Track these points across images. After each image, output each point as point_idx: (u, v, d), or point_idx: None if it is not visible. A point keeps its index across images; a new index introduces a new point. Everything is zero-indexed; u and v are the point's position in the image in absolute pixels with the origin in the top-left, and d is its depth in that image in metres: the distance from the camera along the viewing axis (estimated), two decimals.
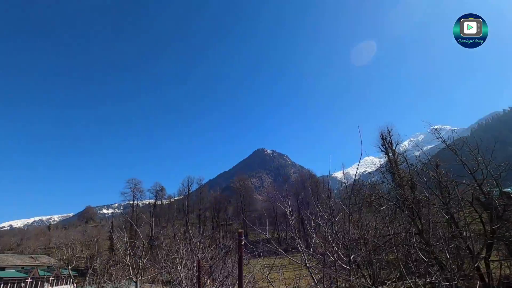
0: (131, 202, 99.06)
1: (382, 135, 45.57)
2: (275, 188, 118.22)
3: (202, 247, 9.50)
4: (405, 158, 15.31)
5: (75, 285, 25.95)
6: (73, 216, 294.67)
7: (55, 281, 54.03)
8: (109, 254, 74.38)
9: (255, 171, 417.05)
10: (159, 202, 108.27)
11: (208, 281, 9.53)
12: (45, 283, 52.30)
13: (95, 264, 23.85)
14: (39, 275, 51.49)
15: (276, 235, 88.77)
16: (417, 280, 4.43)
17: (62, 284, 53.76)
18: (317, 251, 6.91)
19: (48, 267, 57.65)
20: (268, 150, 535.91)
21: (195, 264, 8.42)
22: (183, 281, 8.87)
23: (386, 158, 43.40)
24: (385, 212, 11.17)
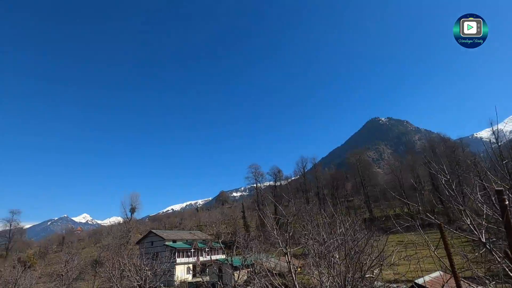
0: (254, 185, 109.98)
1: None
2: (398, 159, 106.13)
3: (337, 223, 9.64)
4: None
5: (225, 255, 31.65)
6: (212, 199, 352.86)
7: (209, 251, 66.96)
8: (244, 231, 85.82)
9: (370, 143, 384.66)
10: (278, 184, 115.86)
11: (338, 256, 9.69)
12: (202, 252, 65.65)
13: (238, 238, 28.23)
14: (198, 247, 65.00)
15: (406, 210, 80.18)
16: None
17: (215, 254, 66.02)
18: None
19: (203, 240, 71.87)
20: (383, 119, 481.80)
21: (330, 240, 8.70)
22: (317, 255, 9.35)
23: None
24: None
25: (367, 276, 6.71)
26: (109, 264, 42.72)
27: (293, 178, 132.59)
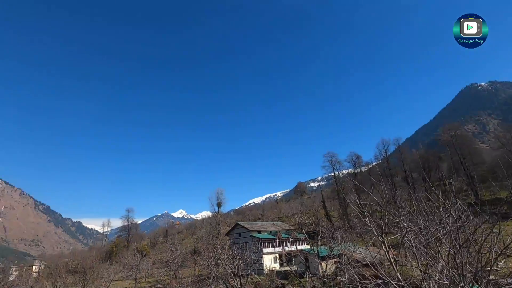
0: (331, 174, 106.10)
1: None
2: (510, 130, 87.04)
3: (440, 208, 8.44)
4: None
5: (310, 245, 31.62)
6: (290, 191, 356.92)
7: (293, 242, 67.95)
8: (327, 221, 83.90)
9: (468, 115, 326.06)
10: (358, 170, 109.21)
11: (447, 245, 8.45)
12: (287, 243, 67.03)
13: (322, 228, 27.77)
14: (282, 237, 66.64)
15: None
16: None
17: (299, 245, 66.64)
18: None
19: (286, 231, 73.30)
20: (483, 84, 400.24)
21: (434, 227, 7.59)
22: (419, 244, 8.31)
23: None
24: None
25: (490, 269, 5.56)
26: (205, 254, 47.68)
27: (374, 163, 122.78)
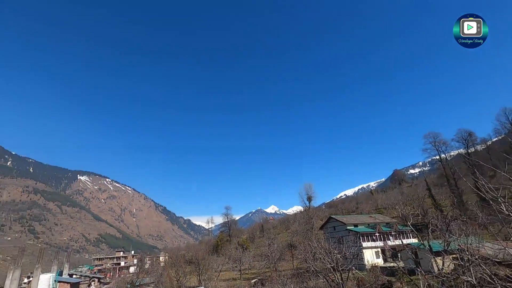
0: (435, 157, 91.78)
1: None
2: None
3: None
4: None
5: (418, 239, 27.96)
6: (385, 180, 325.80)
7: (396, 235, 61.58)
8: (436, 211, 72.86)
9: None
10: (471, 150, 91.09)
11: None
12: (389, 236, 61.27)
13: (432, 220, 24.12)
14: (382, 230, 61.29)
15: None
16: None
17: (404, 238, 60.00)
18: None
19: (386, 223, 67.15)
20: None
21: None
22: None
23: None
24: None
25: None
26: (302, 248, 48.08)
27: (493, 139, 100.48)
